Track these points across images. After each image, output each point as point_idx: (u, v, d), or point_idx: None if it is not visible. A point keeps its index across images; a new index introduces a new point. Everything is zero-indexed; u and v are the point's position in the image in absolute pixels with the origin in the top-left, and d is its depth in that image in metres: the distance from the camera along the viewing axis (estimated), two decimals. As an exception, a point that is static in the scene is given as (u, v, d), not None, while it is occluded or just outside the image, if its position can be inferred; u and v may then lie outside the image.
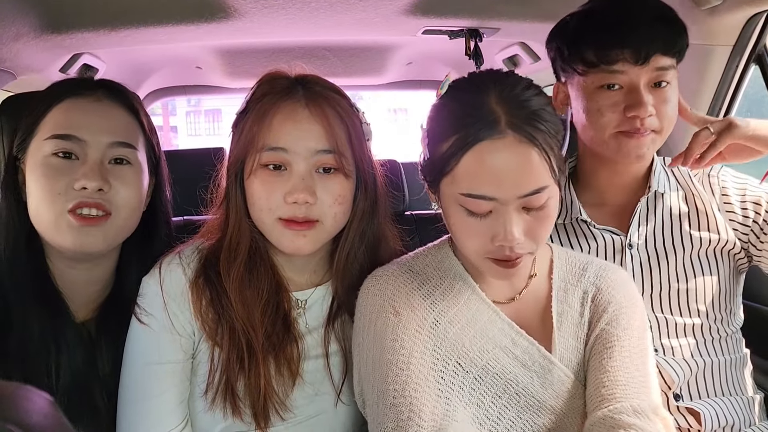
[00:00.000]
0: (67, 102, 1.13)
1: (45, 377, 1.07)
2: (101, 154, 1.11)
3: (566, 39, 1.30)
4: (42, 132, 1.11)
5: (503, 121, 0.92)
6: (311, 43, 2.27)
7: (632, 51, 1.20)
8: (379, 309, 1.04)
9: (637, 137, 1.24)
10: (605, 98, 1.25)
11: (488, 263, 0.99)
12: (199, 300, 1.10)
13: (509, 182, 0.92)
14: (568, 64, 1.30)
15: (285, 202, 1.05)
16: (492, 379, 1.02)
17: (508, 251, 0.96)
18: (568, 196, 1.40)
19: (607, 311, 1.07)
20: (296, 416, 1.11)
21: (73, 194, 1.07)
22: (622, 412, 0.93)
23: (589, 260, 1.16)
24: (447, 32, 1.96)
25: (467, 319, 1.05)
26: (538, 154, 0.92)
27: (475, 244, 0.98)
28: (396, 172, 2.10)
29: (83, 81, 1.20)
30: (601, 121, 1.26)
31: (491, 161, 0.91)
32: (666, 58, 1.22)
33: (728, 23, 1.56)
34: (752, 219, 1.33)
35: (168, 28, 1.71)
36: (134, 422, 1.07)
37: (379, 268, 1.12)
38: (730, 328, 1.35)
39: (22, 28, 1.51)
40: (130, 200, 1.14)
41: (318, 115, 1.07)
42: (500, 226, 0.94)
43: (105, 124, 1.13)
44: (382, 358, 1.00)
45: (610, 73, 1.23)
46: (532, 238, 0.96)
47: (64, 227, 1.07)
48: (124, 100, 1.18)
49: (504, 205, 0.93)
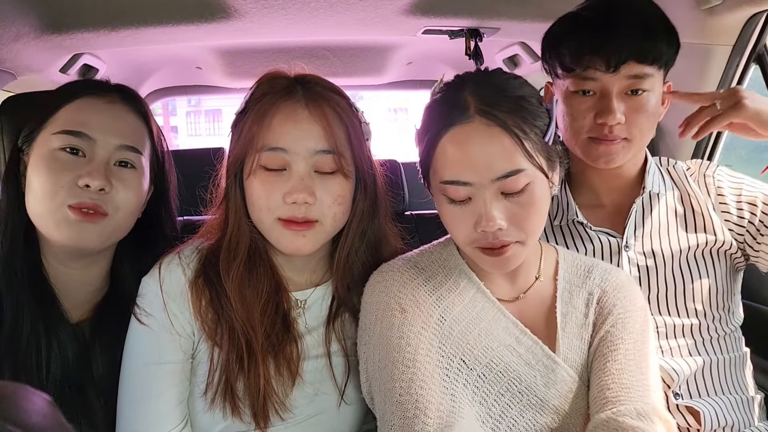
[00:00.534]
0: (80, 100, 1.14)
1: (35, 375, 1.08)
2: (108, 154, 1.12)
3: (549, 41, 1.33)
4: (51, 126, 1.12)
5: (472, 107, 0.97)
6: (311, 43, 2.27)
7: (603, 58, 1.21)
8: (384, 306, 1.05)
9: (606, 144, 1.26)
10: (579, 103, 1.27)
11: (477, 253, 1.01)
12: (199, 300, 1.10)
13: (481, 165, 0.95)
14: (550, 66, 1.33)
15: (284, 202, 1.05)
16: (495, 377, 1.02)
17: (491, 238, 0.97)
18: (564, 197, 1.40)
19: (612, 314, 1.08)
20: (296, 416, 1.11)
21: (75, 191, 1.08)
22: (625, 415, 0.93)
23: (594, 263, 1.16)
24: (447, 32, 1.96)
25: (472, 316, 1.06)
26: (510, 137, 0.95)
27: (461, 233, 1.01)
28: (396, 172, 2.10)
29: (98, 83, 1.22)
30: (575, 125, 1.28)
31: (462, 146, 0.96)
32: (641, 66, 1.22)
33: (728, 23, 1.56)
34: (748, 219, 1.33)
35: (168, 28, 1.71)
36: (133, 422, 1.07)
37: (385, 263, 1.13)
38: (729, 326, 1.34)
39: (23, 28, 1.51)
40: (128, 203, 1.14)
41: (318, 115, 1.07)
42: (479, 211, 0.97)
43: (115, 126, 1.14)
44: (388, 356, 1.01)
45: (583, 79, 1.25)
46: (517, 225, 0.98)
47: (62, 220, 1.08)
48: (136, 105, 1.20)
49: (480, 189, 0.96)
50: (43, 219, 1.09)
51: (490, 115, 0.96)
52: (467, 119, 0.97)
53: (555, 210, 1.42)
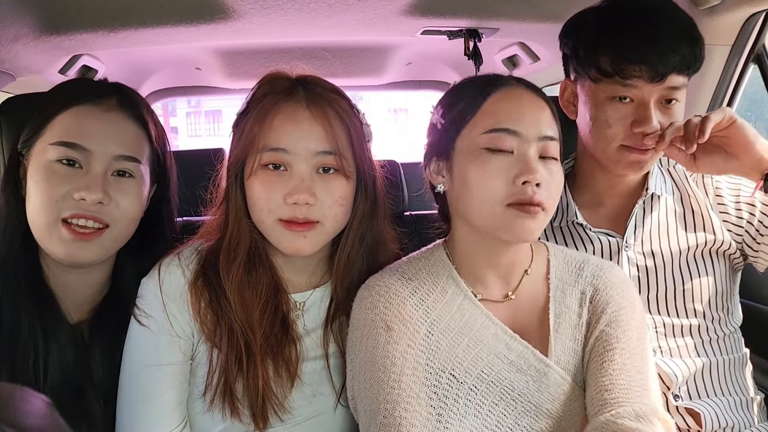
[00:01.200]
0: (77, 108, 1.11)
1: (32, 376, 1.07)
2: (105, 165, 1.10)
3: (583, 40, 1.28)
4: (49, 134, 1.10)
5: (517, 82, 1.07)
6: (310, 44, 2.26)
7: (649, 68, 1.18)
8: (370, 324, 1.04)
9: (638, 153, 1.24)
10: (614, 110, 1.24)
11: (510, 213, 0.99)
12: (198, 301, 1.10)
13: (531, 119, 1.01)
14: (582, 67, 1.28)
15: (285, 202, 1.05)
16: (487, 388, 1.02)
17: (530, 191, 0.98)
18: (564, 198, 1.39)
19: (606, 312, 1.07)
20: (294, 417, 1.11)
21: (70, 203, 1.07)
22: (624, 417, 0.93)
23: (585, 258, 1.15)
24: (446, 32, 1.95)
25: (460, 327, 1.05)
26: (550, 109, 1.05)
27: (497, 187, 1.00)
28: (395, 173, 2.10)
29: (96, 85, 1.19)
30: (608, 132, 1.25)
31: (514, 99, 1.03)
32: (681, 77, 1.21)
33: (727, 23, 1.56)
34: (746, 220, 1.33)
35: (167, 29, 1.71)
36: (133, 424, 1.07)
37: (372, 277, 1.12)
38: (729, 327, 1.34)
39: (21, 29, 1.51)
40: (128, 212, 1.13)
41: (319, 116, 1.07)
42: (523, 162, 0.99)
43: (113, 135, 1.12)
44: (374, 376, 1.00)
45: (624, 87, 1.21)
46: (547, 191, 1.00)
47: (56, 238, 1.07)
48: (134, 110, 1.16)
49: (525, 144, 1.00)
50: (40, 232, 1.08)
51: (533, 88, 1.06)
52: (513, 84, 1.06)
53: (555, 211, 1.42)
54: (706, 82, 1.69)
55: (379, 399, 0.98)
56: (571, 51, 1.32)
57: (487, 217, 1.02)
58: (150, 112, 1.21)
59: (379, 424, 0.96)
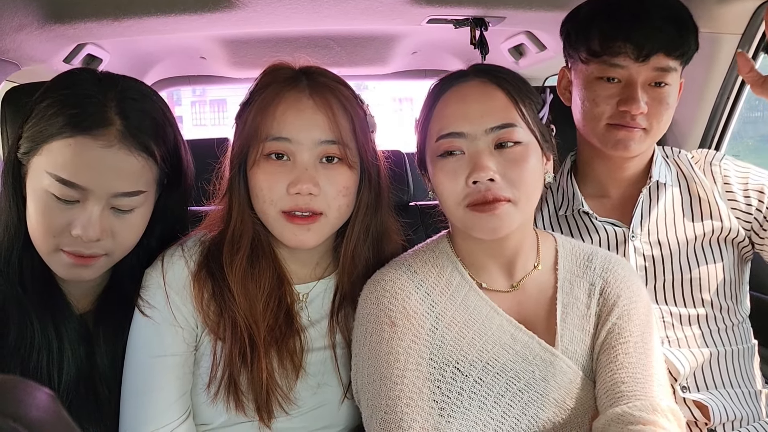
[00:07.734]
0: (76, 140, 1.00)
1: (46, 377, 1.06)
2: (104, 204, 1.03)
3: (576, 24, 1.32)
4: (45, 156, 1.01)
5: (471, 72, 1.07)
6: (315, 33, 2.25)
7: (634, 46, 1.22)
8: (375, 320, 1.05)
9: (626, 130, 1.27)
10: (602, 89, 1.28)
11: (469, 215, 1.00)
12: (201, 293, 1.09)
13: (476, 116, 1.00)
14: (574, 50, 1.33)
15: (288, 193, 1.05)
16: (493, 379, 1.02)
17: (483, 189, 0.97)
18: (570, 187, 1.40)
19: (617, 305, 1.07)
20: (299, 408, 1.11)
21: (68, 239, 1.03)
22: (641, 410, 0.94)
23: (593, 251, 1.15)
24: (452, 21, 1.94)
25: (465, 319, 1.05)
26: (505, 94, 1.02)
27: (454, 189, 1.01)
28: (400, 163, 2.09)
29: (97, 112, 1.02)
30: (595, 111, 1.29)
31: (458, 99, 1.03)
32: (668, 60, 1.24)
33: (737, 11, 1.54)
34: (755, 207, 1.32)
35: (171, 18, 1.70)
36: (137, 414, 1.08)
37: (378, 271, 1.12)
38: (737, 317, 1.34)
39: (25, 18, 1.50)
40: (128, 242, 1.10)
41: (322, 105, 1.06)
42: (474, 161, 0.99)
43: (112, 173, 1.02)
44: (377, 371, 1.01)
45: (610, 66, 1.25)
46: (509, 181, 0.98)
47: (56, 262, 1.05)
48: (139, 138, 1.04)
49: (474, 141, 1.00)
50: (40, 250, 1.06)
51: (487, 75, 1.04)
52: (465, 79, 1.05)
53: (560, 200, 1.42)
54: (715, 72, 1.67)
55: (381, 394, 0.98)
56: (566, 36, 1.37)
57: (457, 220, 1.05)
58: (161, 137, 1.08)
59: (381, 419, 0.97)
